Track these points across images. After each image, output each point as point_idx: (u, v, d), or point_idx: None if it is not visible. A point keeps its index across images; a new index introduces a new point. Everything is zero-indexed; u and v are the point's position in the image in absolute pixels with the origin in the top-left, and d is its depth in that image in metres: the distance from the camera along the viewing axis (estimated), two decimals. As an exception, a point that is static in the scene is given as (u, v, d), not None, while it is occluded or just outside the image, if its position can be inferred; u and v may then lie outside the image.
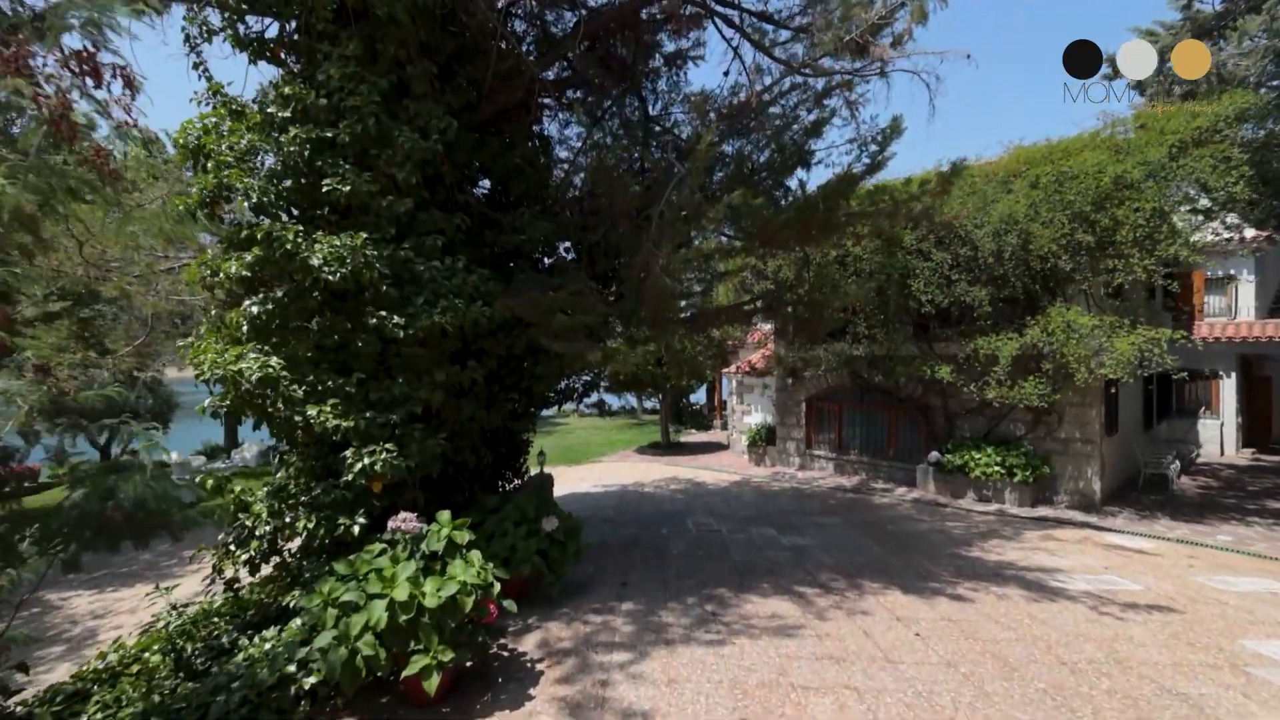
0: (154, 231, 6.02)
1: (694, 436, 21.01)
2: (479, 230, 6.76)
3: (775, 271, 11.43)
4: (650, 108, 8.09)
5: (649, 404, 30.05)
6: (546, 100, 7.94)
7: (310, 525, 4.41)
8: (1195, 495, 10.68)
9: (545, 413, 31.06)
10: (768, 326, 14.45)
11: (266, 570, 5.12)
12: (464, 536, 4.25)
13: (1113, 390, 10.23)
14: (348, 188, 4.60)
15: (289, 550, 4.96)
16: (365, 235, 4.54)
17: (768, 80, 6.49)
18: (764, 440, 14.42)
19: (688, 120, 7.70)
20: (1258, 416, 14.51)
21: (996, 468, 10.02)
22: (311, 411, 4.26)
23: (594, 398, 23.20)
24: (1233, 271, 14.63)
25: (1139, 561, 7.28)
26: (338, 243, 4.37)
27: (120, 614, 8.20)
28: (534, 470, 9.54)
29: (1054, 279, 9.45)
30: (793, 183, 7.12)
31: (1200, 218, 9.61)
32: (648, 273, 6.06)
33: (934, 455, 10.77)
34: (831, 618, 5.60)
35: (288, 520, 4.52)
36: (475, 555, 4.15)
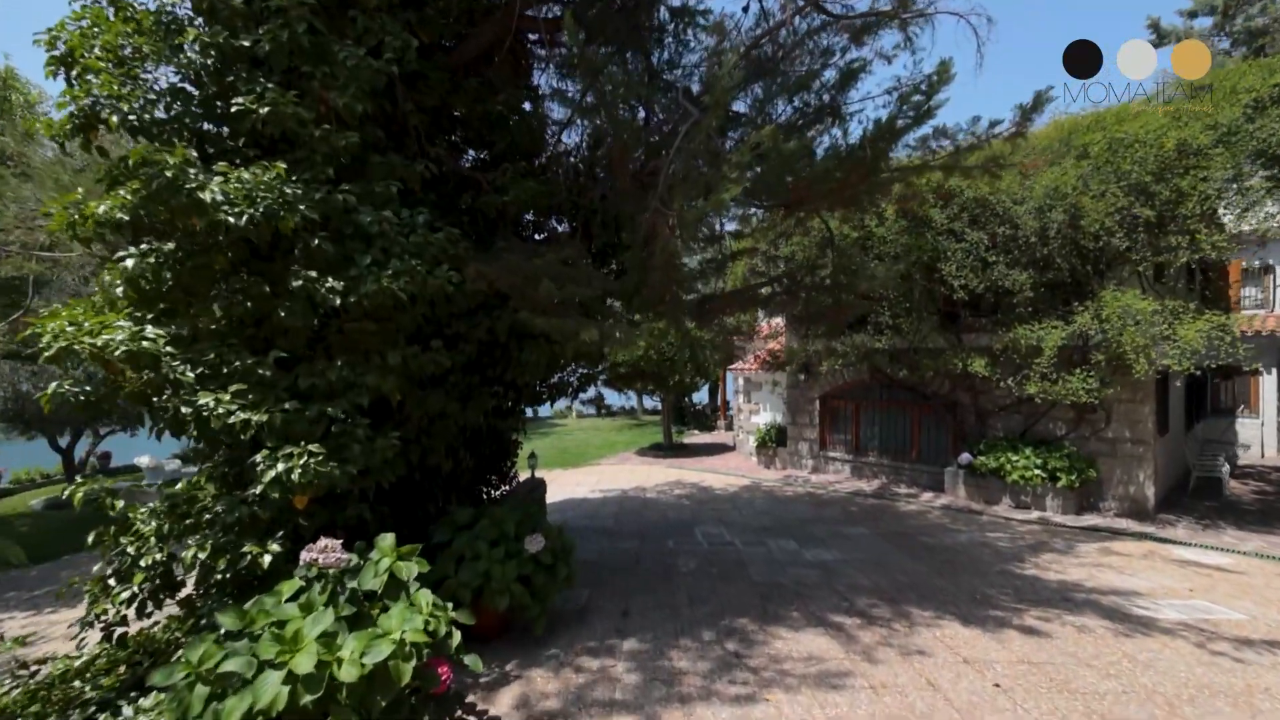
0: (44, 179, 4.90)
1: (697, 437, 19.85)
2: (453, 194, 5.63)
3: (788, 257, 10.33)
4: (655, 58, 6.95)
5: (649, 403, 28.94)
6: (539, 50, 6.82)
7: (204, 554, 3.25)
8: (1252, 501, 9.55)
9: (543, 413, 29.88)
10: (778, 320, 13.31)
11: (171, 607, 3.94)
12: (410, 569, 3.09)
13: (1178, 384, 9.12)
14: (265, 109, 3.45)
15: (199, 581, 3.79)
16: (284, 168, 3.39)
17: (799, 1, 5.36)
18: (774, 441, 13.27)
19: (698, 69, 6.56)
20: (1298, 415, 13.38)
21: (1037, 471, 8.88)
22: (205, 400, 3.11)
23: (591, 392, 22.02)
24: (1270, 261, 13.55)
25: (1225, 581, 6.14)
26: (246, 176, 3.22)
27: (54, 639, 7.00)
28: (524, 475, 8.40)
29: (1105, 259, 8.33)
30: (824, 141, 5.99)
31: (1263, 192, 8.50)
32: (654, 236, 4.92)
33: (965, 457, 9.63)
34: (882, 659, 4.44)
35: (191, 546, 3.36)
36: (424, 597, 2.99)
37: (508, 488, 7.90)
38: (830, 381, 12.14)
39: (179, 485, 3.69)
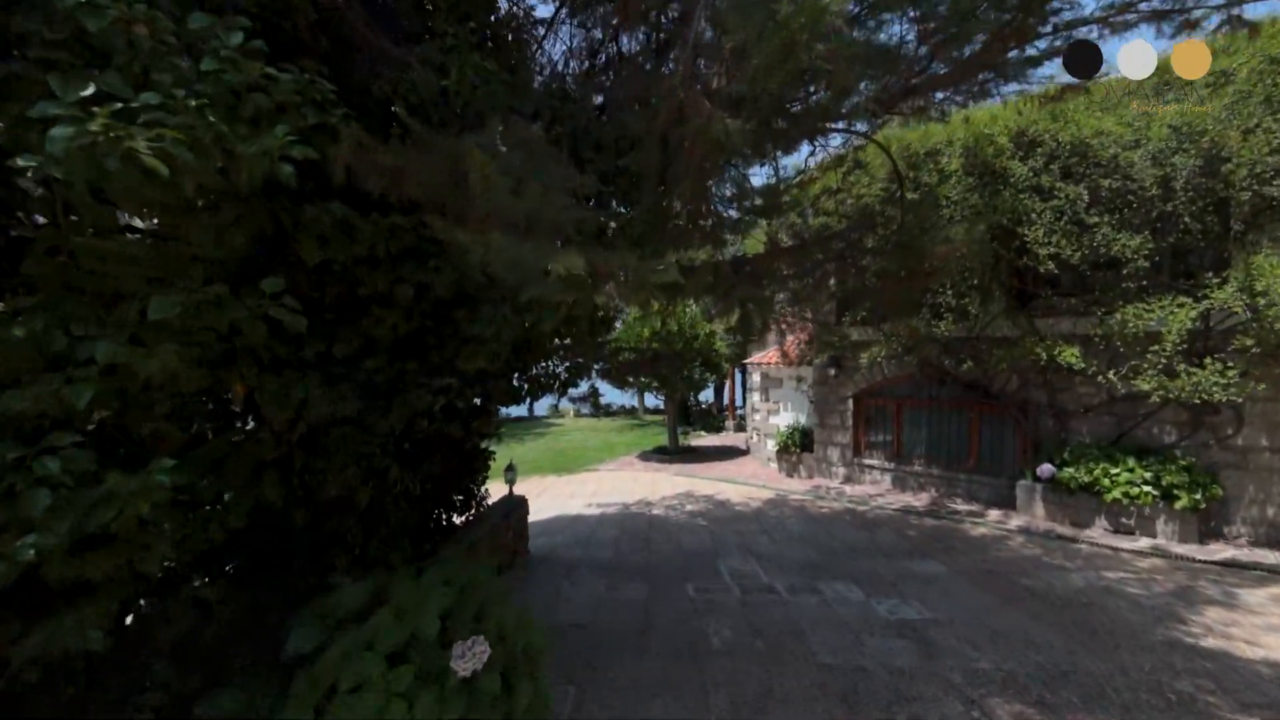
0: None
1: (705, 440, 17.71)
2: (366, 79, 3.49)
3: (819, 230, 8.19)
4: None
5: (651, 402, 26.81)
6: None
7: None
8: (1401, 523, 7.42)
9: (539, 411, 27.64)
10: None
11: None
12: None
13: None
14: None
15: None
16: None
17: None
18: (797, 446, 11.13)
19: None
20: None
21: (1145, 487, 6.74)
22: None
23: (583, 386, 19.81)
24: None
25: None
26: None
27: None
28: (504, 489, 6.26)
29: (1252, 215, 6.21)
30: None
31: None
32: (682, 119, 2.78)
33: (1046, 468, 7.49)
34: None
35: None
36: None
37: (475, 512, 5.80)
38: (866, 377, 10.00)
39: None
